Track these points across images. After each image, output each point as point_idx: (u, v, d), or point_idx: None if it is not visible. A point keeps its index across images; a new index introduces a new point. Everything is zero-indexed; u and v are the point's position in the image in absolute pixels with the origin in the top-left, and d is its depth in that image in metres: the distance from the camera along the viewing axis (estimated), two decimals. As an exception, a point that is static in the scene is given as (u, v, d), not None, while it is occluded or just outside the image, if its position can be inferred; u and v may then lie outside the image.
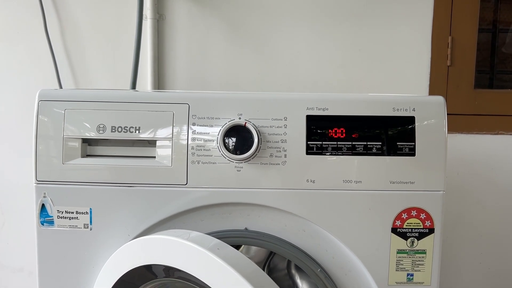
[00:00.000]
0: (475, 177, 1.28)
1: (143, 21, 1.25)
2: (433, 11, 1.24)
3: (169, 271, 0.63)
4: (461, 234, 1.29)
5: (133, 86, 1.25)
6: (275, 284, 0.67)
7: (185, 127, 0.75)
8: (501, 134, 1.26)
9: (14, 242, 1.36)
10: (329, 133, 0.74)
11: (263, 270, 0.92)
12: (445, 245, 1.27)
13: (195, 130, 0.75)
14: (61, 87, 1.29)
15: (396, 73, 1.27)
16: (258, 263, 0.92)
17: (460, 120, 1.26)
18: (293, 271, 0.93)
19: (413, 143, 0.74)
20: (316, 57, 1.28)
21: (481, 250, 1.30)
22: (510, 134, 1.26)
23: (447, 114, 0.75)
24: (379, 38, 1.26)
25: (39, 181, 0.75)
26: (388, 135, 0.74)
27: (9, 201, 1.35)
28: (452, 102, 1.25)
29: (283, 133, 0.74)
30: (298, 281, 0.91)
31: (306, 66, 1.28)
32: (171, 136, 0.75)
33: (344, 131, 0.74)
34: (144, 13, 1.25)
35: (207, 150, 0.74)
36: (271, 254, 0.91)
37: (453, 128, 1.25)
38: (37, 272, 0.77)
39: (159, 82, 1.31)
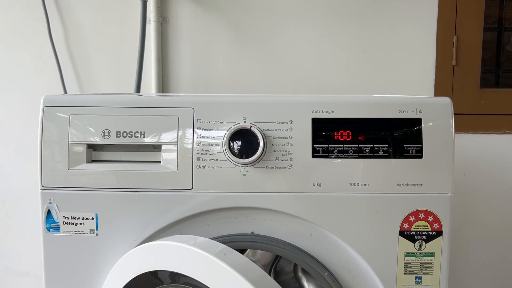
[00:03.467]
0: (482, 177, 1.27)
1: (147, 24, 1.25)
2: (437, 10, 1.24)
3: (174, 277, 0.63)
4: (468, 235, 1.28)
5: (138, 89, 1.25)
6: (282, 289, 0.67)
7: (190, 131, 0.74)
8: (507, 133, 1.25)
9: (21, 246, 1.37)
10: (335, 136, 0.74)
11: (270, 273, 0.92)
12: (452, 246, 1.26)
13: (200, 134, 0.74)
14: (65, 91, 1.30)
15: (401, 73, 1.26)
16: (264, 266, 0.92)
17: (466, 120, 1.25)
18: (300, 274, 0.93)
19: (420, 145, 0.73)
20: (320, 58, 1.27)
21: (489, 250, 1.29)
22: (517, 134, 1.25)
23: (453, 114, 0.75)
24: (384, 38, 1.26)
25: (44, 187, 0.75)
26: (395, 137, 0.73)
27: (15, 205, 1.35)
28: (458, 101, 1.24)
29: (289, 136, 0.74)
30: (305, 283, 0.90)
31: (310, 67, 1.28)
32: (176, 140, 0.74)
33: (350, 134, 0.74)
34: (147, 16, 1.25)
35: (212, 154, 0.74)
36: (277, 257, 0.90)
37: (459, 128, 1.24)
38: (44, 278, 0.76)
39: (163, 85, 1.31)
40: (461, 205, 1.27)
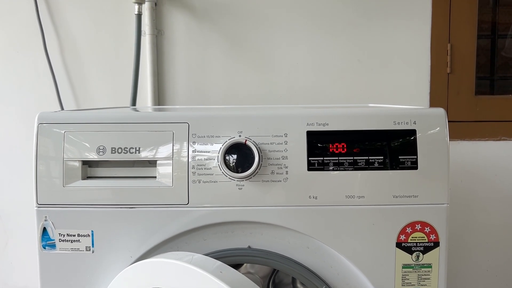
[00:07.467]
0: (480, 183, 1.27)
1: (142, 37, 1.25)
2: (431, 18, 1.24)
3: (170, 294, 0.62)
4: (467, 242, 1.28)
5: (133, 102, 1.25)
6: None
7: (185, 146, 0.74)
8: (503, 140, 1.25)
9: (18, 261, 1.36)
10: (330, 148, 0.74)
11: (268, 285, 0.92)
12: (451, 252, 1.26)
13: (195, 149, 0.74)
14: (61, 105, 1.30)
15: (396, 82, 1.26)
16: (263, 278, 0.92)
17: (462, 127, 1.25)
18: (299, 285, 0.92)
19: (415, 156, 0.73)
20: (315, 68, 1.28)
21: (488, 257, 1.28)
22: (513, 140, 1.25)
23: (449, 121, 0.75)
24: (378, 48, 1.26)
25: (40, 205, 0.75)
26: (390, 149, 0.73)
27: (12, 220, 1.35)
28: (453, 109, 1.25)
29: (284, 150, 0.74)
30: (304, 295, 0.90)
31: (305, 77, 1.28)
32: (171, 155, 0.74)
33: (345, 146, 0.73)
34: (142, 29, 1.25)
35: (208, 169, 0.74)
36: (275, 269, 0.90)
37: (455, 135, 1.24)
38: (40, 296, 0.76)
39: (159, 97, 1.31)
40: (459, 212, 1.27)
